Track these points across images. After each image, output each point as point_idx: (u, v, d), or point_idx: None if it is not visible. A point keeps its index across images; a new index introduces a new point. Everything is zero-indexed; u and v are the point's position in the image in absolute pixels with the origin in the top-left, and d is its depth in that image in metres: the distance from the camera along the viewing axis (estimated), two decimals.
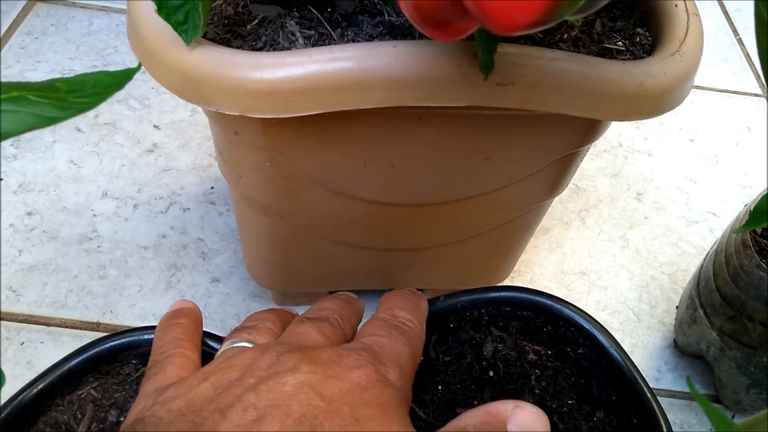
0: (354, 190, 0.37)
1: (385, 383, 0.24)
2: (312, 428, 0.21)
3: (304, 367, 0.23)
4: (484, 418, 0.25)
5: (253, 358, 0.24)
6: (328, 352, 0.25)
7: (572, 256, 0.57)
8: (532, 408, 0.26)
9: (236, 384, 0.23)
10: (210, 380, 0.24)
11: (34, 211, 0.53)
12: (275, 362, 0.24)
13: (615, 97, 0.31)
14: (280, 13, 0.33)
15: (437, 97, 0.30)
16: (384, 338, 0.27)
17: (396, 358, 0.26)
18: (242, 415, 0.21)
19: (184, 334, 0.30)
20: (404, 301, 0.31)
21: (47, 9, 0.69)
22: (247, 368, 0.24)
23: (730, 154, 0.68)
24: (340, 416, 0.22)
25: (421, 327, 0.30)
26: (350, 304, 0.32)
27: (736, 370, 0.45)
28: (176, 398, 0.23)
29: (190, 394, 0.23)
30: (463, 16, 0.21)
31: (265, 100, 0.29)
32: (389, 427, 0.22)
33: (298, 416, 0.21)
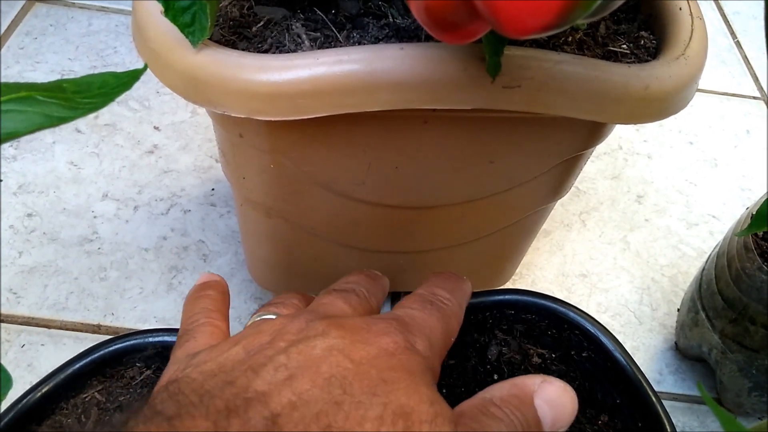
0: (358, 192, 0.37)
1: (412, 351, 0.24)
2: (341, 387, 0.21)
3: (333, 332, 0.24)
4: (512, 390, 0.25)
5: (283, 324, 0.25)
6: (356, 319, 0.25)
7: (573, 258, 0.57)
8: (559, 383, 0.25)
9: (267, 347, 0.23)
10: (241, 344, 0.24)
11: (34, 213, 0.53)
12: (305, 327, 0.24)
13: (620, 100, 0.31)
14: (285, 14, 0.32)
15: (443, 100, 0.30)
16: (417, 311, 0.27)
17: (426, 330, 0.26)
18: (274, 374, 0.21)
19: (212, 305, 0.30)
20: (446, 281, 0.30)
21: (46, 9, 0.69)
22: (277, 333, 0.24)
23: (729, 156, 0.68)
24: (368, 378, 0.22)
25: (459, 308, 0.29)
26: (375, 279, 0.32)
27: (738, 373, 0.45)
28: (208, 361, 0.23)
29: (221, 357, 0.23)
30: (474, 19, 0.21)
31: (271, 102, 0.29)
32: (416, 390, 0.22)
33: (328, 376, 0.22)
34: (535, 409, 0.24)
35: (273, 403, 0.20)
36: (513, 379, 0.25)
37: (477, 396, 0.25)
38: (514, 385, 0.25)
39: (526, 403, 0.25)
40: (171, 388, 0.21)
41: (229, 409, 0.20)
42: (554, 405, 0.25)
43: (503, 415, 0.24)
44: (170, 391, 0.21)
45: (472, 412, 0.24)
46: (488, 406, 0.24)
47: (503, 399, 0.24)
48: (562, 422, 0.25)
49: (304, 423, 0.20)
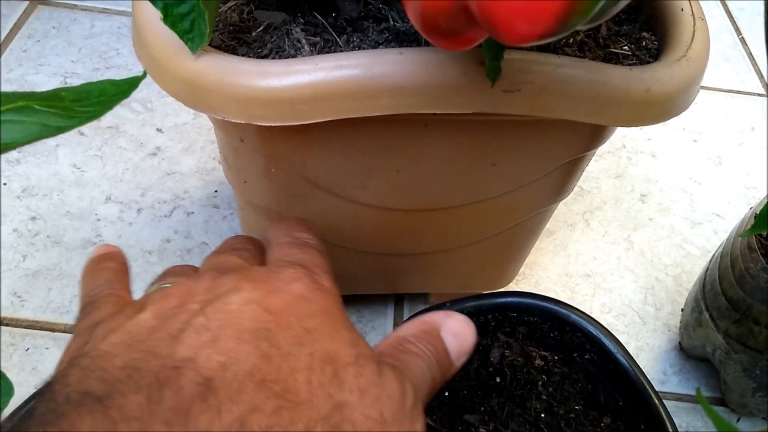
0: (359, 196, 0.37)
1: (323, 290, 0.25)
2: (267, 341, 0.21)
3: (246, 285, 0.24)
4: (421, 327, 0.27)
5: (189, 286, 0.24)
6: (262, 270, 0.25)
7: (577, 258, 0.57)
8: (460, 316, 0.28)
9: (179, 310, 0.23)
10: (148, 310, 0.23)
11: (38, 216, 0.53)
12: (213, 285, 0.24)
13: (622, 102, 0.31)
14: (285, 19, 0.32)
15: (444, 104, 0.30)
16: (301, 254, 0.28)
17: (321, 266, 0.27)
18: (196, 337, 0.21)
19: (114, 276, 0.29)
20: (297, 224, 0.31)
21: (49, 12, 0.69)
22: (185, 295, 0.24)
23: (733, 154, 0.68)
24: (290, 328, 0.22)
25: (320, 241, 0.30)
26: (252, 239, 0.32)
27: (742, 373, 0.45)
28: (114, 330, 0.22)
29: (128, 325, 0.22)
30: (472, 26, 0.21)
31: (271, 108, 0.29)
32: (338, 334, 0.23)
33: (252, 330, 0.22)
34: (443, 341, 0.27)
35: (203, 368, 0.20)
36: (420, 317, 0.28)
37: (391, 335, 0.27)
38: (423, 322, 0.28)
39: (435, 336, 0.27)
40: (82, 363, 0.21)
41: (159, 381, 0.19)
42: (458, 335, 0.27)
43: (418, 349, 0.26)
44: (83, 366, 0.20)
45: (390, 350, 0.26)
46: (404, 343, 0.26)
47: (416, 336, 0.27)
48: (465, 351, 0.28)
49: (239, 381, 0.20)
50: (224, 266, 0.27)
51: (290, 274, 0.25)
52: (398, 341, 0.26)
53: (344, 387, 0.22)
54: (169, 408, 0.19)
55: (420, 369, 0.25)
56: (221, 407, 0.19)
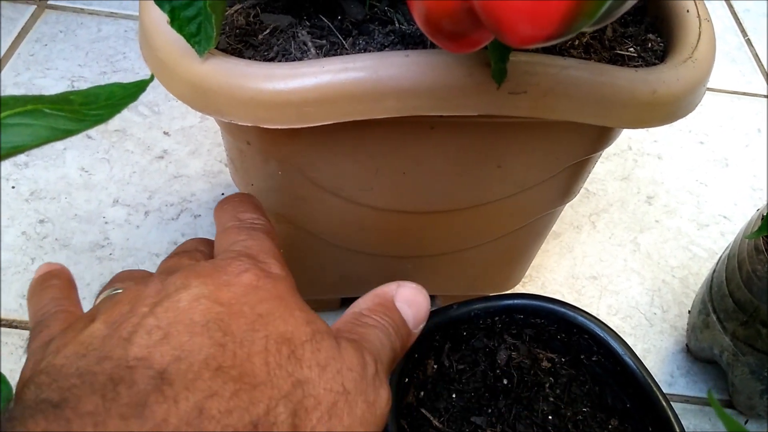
0: (365, 198, 0.37)
1: (272, 277, 0.25)
2: (221, 330, 0.21)
3: (194, 282, 0.23)
4: (375, 300, 0.28)
5: (138, 290, 0.24)
6: (208, 265, 0.25)
7: (583, 260, 0.57)
8: (413, 284, 0.29)
9: (129, 315, 0.22)
10: (100, 319, 0.23)
11: (46, 219, 0.53)
12: (162, 287, 0.24)
13: (628, 104, 0.31)
14: (291, 22, 0.33)
15: (450, 106, 0.30)
16: (248, 240, 0.27)
17: (269, 252, 0.27)
18: (148, 337, 0.21)
19: (60, 292, 0.29)
20: (242, 203, 0.31)
21: (56, 16, 0.69)
22: (134, 299, 0.23)
23: (740, 156, 0.67)
24: (243, 316, 0.22)
25: (268, 221, 0.30)
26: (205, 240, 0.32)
27: (750, 375, 0.45)
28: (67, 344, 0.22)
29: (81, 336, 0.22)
30: (477, 28, 0.21)
31: (278, 110, 0.29)
32: (291, 314, 0.23)
33: (204, 323, 0.22)
34: (398, 311, 0.27)
35: (156, 363, 0.20)
36: (373, 291, 0.28)
37: (346, 312, 0.27)
38: (376, 295, 0.28)
39: (389, 307, 0.27)
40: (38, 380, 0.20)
41: (113, 380, 0.19)
42: (412, 304, 0.28)
43: (375, 321, 0.26)
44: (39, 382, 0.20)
45: (347, 326, 0.26)
46: (359, 317, 0.27)
47: (371, 309, 0.27)
48: (421, 318, 0.28)
49: (194, 371, 0.20)
50: (174, 268, 0.27)
51: (237, 267, 0.25)
52: (354, 316, 0.27)
53: (303, 364, 0.22)
54: (124, 403, 0.19)
55: (378, 339, 0.26)
56: (177, 397, 0.19)
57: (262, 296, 0.24)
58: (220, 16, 0.29)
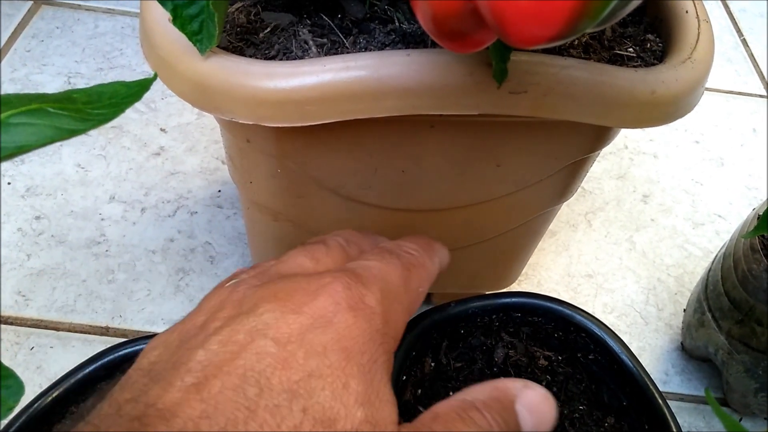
0: (365, 196, 0.37)
1: (356, 311, 0.21)
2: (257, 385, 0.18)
3: (263, 306, 0.21)
4: (492, 394, 0.23)
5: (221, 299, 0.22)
6: (298, 279, 0.22)
7: (579, 258, 0.57)
8: (541, 389, 0.24)
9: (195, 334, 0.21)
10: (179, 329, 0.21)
11: (42, 216, 0.53)
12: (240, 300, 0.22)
13: (627, 104, 0.31)
14: (292, 20, 0.33)
15: (450, 105, 0.30)
16: (372, 261, 0.23)
17: (380, 280, 0.23)
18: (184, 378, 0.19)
19: None
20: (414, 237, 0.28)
21: (52, 12, 0.69)
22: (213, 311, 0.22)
23: (735, 155, 0.68)
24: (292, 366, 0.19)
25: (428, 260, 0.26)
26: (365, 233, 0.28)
27: (745, 373, 0.45)
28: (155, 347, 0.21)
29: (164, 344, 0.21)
30: (481, 29, 0.21)
31: (279, 109, 0.29)
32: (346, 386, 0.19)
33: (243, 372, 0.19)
34: (516, 415, 0.23)
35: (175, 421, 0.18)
36: (494, 381, 0.24)
37: (456, 397, 0.23)
38: (496, 389, 0.23)
39: (507, 408, 0.23)
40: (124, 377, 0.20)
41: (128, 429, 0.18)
42: (535, 412, 0.23)
43: (483, 420, 0.22)
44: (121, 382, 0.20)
45: (449, 416, 0.22)
46: (468, 410, 0.22)
47: (485, 403, 0.23)
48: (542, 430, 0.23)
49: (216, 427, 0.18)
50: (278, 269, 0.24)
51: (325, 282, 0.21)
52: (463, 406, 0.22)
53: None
54: None
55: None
56: None
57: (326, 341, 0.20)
58: (223, 15, 0.29)
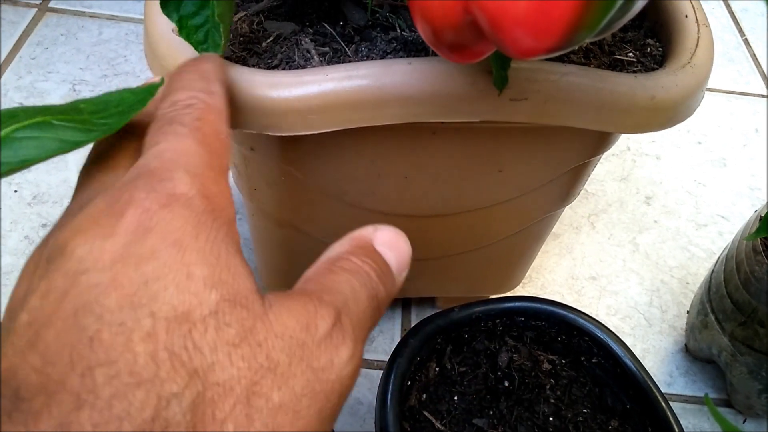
0: (368, 202, 0.37)
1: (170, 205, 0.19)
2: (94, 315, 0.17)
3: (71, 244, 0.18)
4: (352, 243, 0.23)
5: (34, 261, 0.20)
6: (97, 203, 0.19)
7: (582, 261, 0.57)
8: (390, 227, 0.24)
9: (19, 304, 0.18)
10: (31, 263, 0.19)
11: (49, 223, 0.54)
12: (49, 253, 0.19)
13: (627, 110, 0.31)
14: (294, 29, 0.33)
15: (452, 113, 0.30)
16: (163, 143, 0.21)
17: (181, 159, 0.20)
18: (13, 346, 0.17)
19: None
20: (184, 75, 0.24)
21: (57, 19, 0.70)
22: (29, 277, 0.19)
23: (737, 156, 0.68)
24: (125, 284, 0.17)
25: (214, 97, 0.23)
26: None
27: (748, 375, 0.45)
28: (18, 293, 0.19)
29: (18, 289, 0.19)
30: (480, 40, 0.22)
31: (282, 118, 0.29)
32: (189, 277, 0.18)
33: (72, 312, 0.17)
34: (381, 254, 0.23)
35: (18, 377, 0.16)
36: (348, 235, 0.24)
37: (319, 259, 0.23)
38: (353, 239, 0.23)
39: (370, 250, 0.23)
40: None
41: None
42: (394, 247, 0.24)
43: (353, 266, 0.22)
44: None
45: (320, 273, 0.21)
46: (334, 263, 0.22)
47: (348, 251, 0.22)
48: (404, 264, 0.24)
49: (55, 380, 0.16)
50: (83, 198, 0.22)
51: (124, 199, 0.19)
52: (327, 263, 0.22)
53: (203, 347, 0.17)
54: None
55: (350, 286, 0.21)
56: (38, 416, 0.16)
57: (153, 245, 0.18)
58: (229, 25, 0.29)
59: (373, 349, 0.50)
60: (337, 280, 0.21)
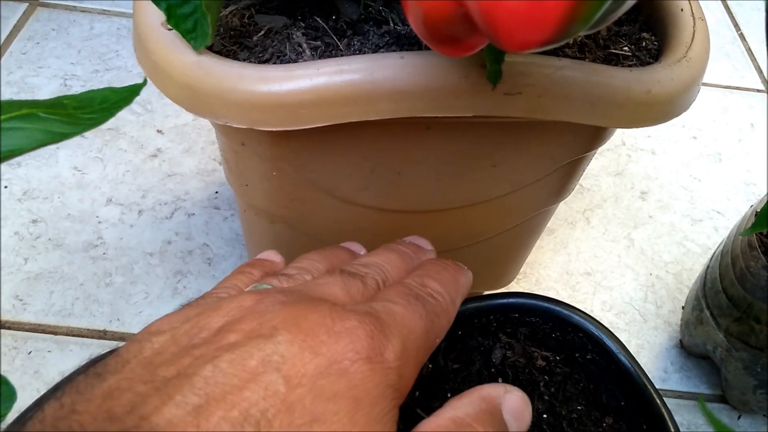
0: (360, 197, 0.37)
1: (374, 363, 0.20)
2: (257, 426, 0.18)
3: (282, 336, 0.20)
4: (481, 406, 0.23)
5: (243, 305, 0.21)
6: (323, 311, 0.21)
7: (577, 256, 0.57)
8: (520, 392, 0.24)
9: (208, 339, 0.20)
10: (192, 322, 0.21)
11: (39, 219, 0.53)
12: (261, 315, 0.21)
13: (623, 104, 0.31)
14: (286, 23, 0.32)
15: (445, 107, 0.30)
16: (398, 306, 0.23)
17: (404, 331, 0.22)
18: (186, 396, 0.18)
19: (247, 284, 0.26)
20: (442, 270, 0.26)
21: (48, 13, 0.69)
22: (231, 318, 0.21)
23: (733, 150, 0.68)
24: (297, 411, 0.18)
25: (452, 303, 0.25)
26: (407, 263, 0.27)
27: (743, 371, 0.45)
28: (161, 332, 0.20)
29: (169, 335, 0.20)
30: (473, 33, 0.21)
31: (273, 113, 0.29)
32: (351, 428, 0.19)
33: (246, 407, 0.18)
34: (505, 424, 0.23)
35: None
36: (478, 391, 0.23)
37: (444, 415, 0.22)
38: (483, 399, 0.23)
39: (497, 419, 0.23)
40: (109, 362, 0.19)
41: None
42: (519, 417, 0.23)
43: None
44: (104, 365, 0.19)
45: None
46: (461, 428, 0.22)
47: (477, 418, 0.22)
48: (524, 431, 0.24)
49: None
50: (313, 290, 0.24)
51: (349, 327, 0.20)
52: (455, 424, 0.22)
53: None
54: None
55: None
56: None
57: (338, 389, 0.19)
58: (216, 15, 0.29)
59: None
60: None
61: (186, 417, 0.18)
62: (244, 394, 0.18)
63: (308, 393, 0.19)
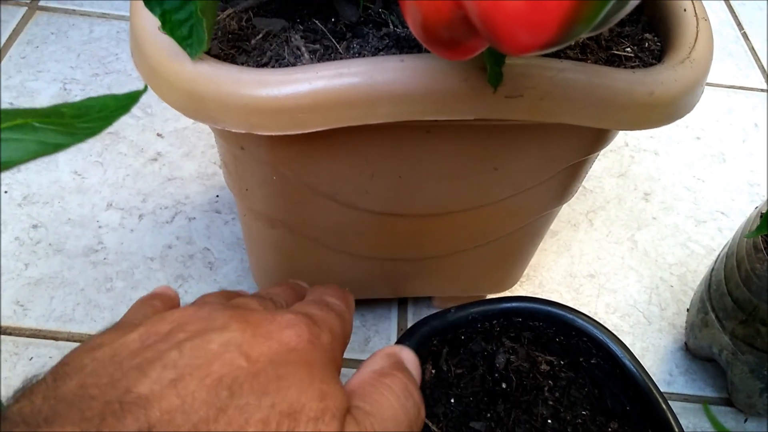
0: (361, 201, 0.37)
1: (315, 344, 0.24)
2: (229, 389, 0.21)
3: (234, 326, 0.23)
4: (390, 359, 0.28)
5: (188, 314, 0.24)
6: (261, 313, 0.25)
7: (581, 258, 0.57)
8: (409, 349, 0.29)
9: (163, 339, 0.23)
10: (139, 331, 0.23)
11: (40, 224, 0.53)
12: (207, 318, 0.24)
13: (625, 106, 0.30)
14: (284, 26, 0.32)
15: (445, 111, 0.29)
16: (316, 311, 0.27)
17: (329, 326, 0.26)
18: (160, 373, 0.21)
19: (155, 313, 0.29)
20: (327, 289, 0.31)
21: (47, 17, 0.69)
22: (177, 323, 0.24)
23: (737, 151, 0.67)
24: (262, 376, 0.22)
25: (348, 310, 0.30)
26: (297, 292, 0.32)
27: (749, 374, 0.44)
28: (103, 345, 0.22)
29: (116, 343, 0.22)
30: (473, 36, 0.21)
31: (272, 117, 0.28)
32: (310, 384, 0.22)
33: (218, 377, 0.21)
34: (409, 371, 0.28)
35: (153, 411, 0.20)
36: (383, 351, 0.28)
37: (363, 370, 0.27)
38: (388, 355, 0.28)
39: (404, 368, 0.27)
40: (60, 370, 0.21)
41: (103, 415, 0.19)
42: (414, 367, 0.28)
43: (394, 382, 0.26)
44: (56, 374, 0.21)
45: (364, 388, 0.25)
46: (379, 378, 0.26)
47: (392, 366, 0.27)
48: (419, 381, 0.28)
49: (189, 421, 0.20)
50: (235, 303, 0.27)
51: (288, 320, 0.24)
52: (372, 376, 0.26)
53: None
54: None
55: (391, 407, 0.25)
56: None
57: (293, 358, 0.23)
58: (212, 20, 0.29)
59: (369, 350, 0.49)
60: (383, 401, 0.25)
61: (164, 389, 0.20)
62: (212, 367, 0.21)
63: (268, 364, 0.22)
